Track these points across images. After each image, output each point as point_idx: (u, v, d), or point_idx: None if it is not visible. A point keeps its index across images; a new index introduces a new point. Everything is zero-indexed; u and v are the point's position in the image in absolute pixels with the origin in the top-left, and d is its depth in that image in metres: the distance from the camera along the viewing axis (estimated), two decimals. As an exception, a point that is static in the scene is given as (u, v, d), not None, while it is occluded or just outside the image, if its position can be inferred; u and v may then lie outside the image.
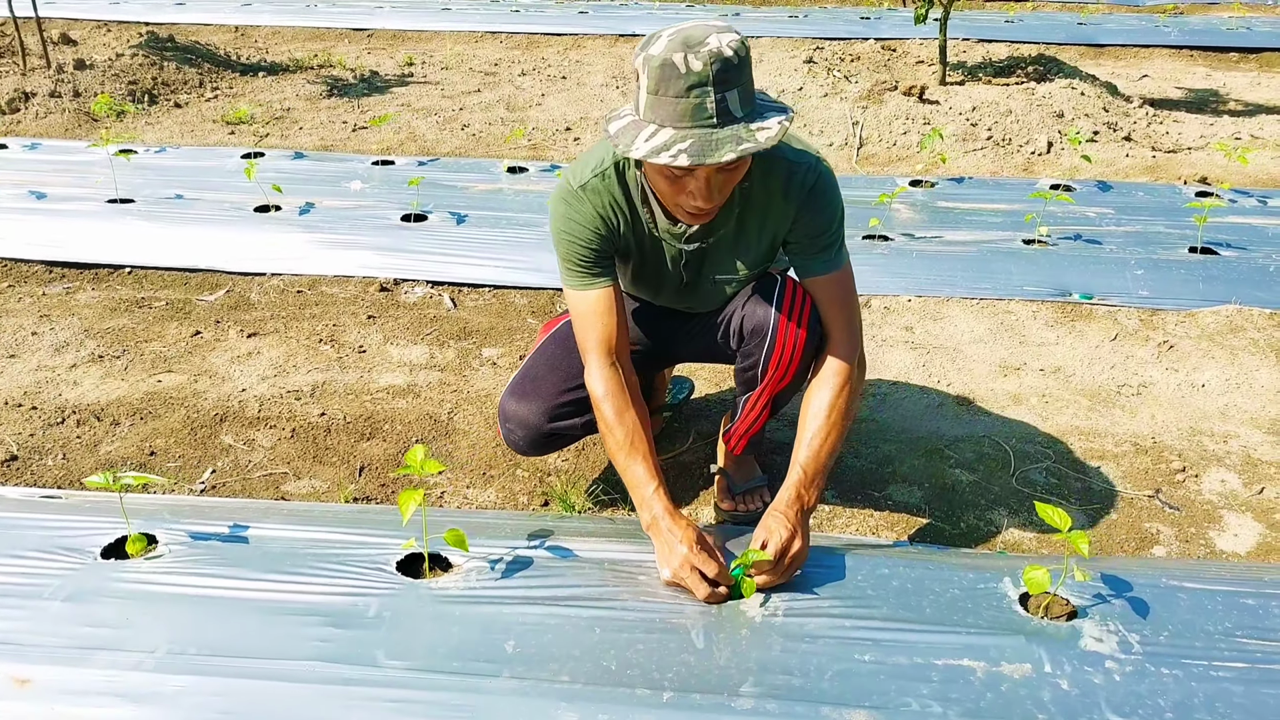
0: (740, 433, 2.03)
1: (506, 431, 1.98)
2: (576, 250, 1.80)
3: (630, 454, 1.76)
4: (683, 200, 1.63)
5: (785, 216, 1.79)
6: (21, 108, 5.00)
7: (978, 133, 4.80)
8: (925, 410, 2.60)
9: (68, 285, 3.20)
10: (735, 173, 1.62)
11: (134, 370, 2.69)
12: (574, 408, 1.92)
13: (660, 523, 1.70)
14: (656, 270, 1.91)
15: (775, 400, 1.95)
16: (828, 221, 1.79)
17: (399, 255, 3.32)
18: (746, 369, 1.93)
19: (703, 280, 1.91)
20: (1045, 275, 3.26)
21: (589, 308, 1.81)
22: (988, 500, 2.23)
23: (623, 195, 1.79)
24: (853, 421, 1.80)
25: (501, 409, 1.97)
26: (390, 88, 5.84)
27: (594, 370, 1.81)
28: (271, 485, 2.21)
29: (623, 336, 1.83)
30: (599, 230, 1.79)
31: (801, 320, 1.83)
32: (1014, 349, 2.91)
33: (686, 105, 1.49)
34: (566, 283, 1.83)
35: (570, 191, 1.79)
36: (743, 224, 1.82)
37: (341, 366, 2.73)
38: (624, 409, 1.78)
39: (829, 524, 2.14)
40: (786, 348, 1.84)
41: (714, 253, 1.86)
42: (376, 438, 2.40)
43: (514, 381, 2.00)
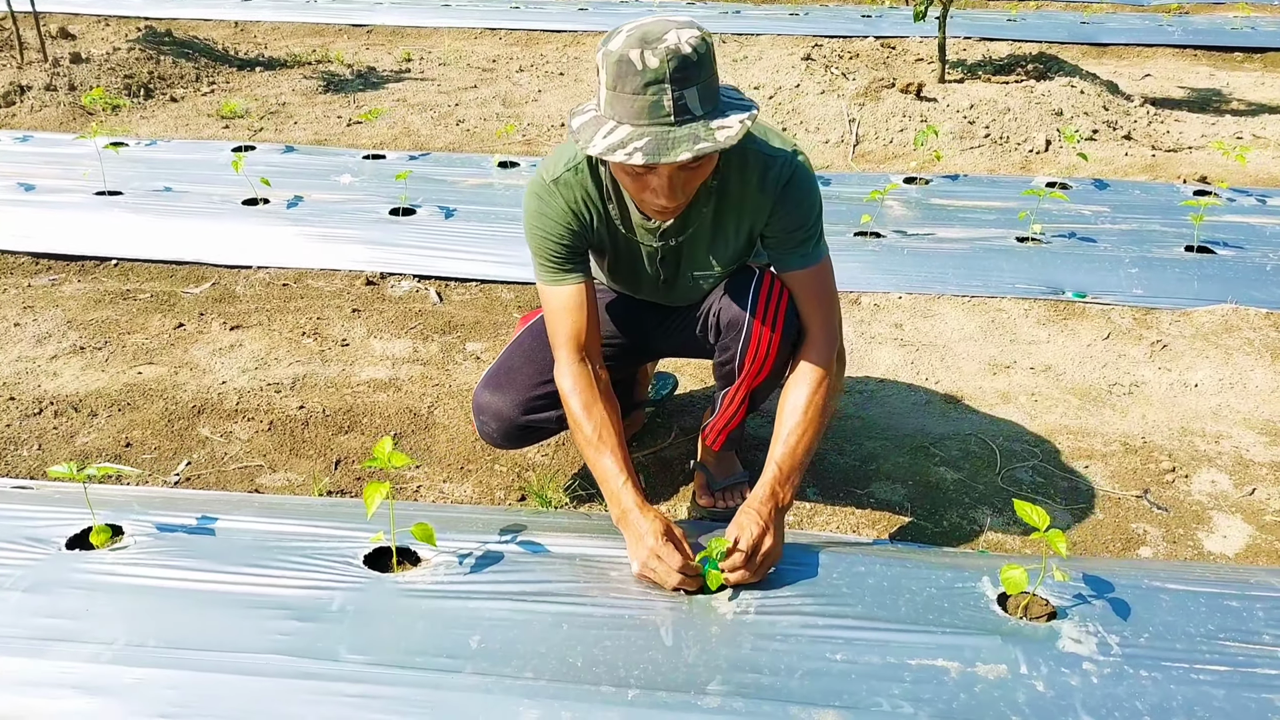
0: (718, 428, 2.00)
1: (480, 424, 1.95)
2: (548, 245, 1.77)
3: (599, 448, 1.73)
4: (646, 197, 1.60)
5: (761, 211, 1.76)
6: (17, 101, 4.99)
7: (975, 130, 4.76)
8: (912, 408, 2.57)
9: (54, 277, 3.18)
10: (699, 171, 1.59)
11: (115, 362, 2.67)
12: (549, 400, 1.90)
13: (629, 515, 1.67)
14: (632, 266, 1.89)
15: (753, 395, 1.92)
16: (805, 215, 1.76)
17: (386, 249, 3.29)
18: (724, 363, 1.90)
19: (680, 276, 1.89)
20: (1038, 273, 3.22)
21: (560, 303, 1.78)
22: (972, 499, 2.20)
23: (595, 189, 1.77)
24: (831, 418, 1.78)
25: (475, 401, 1.95)
26: (387, 83, 5.82)
27: (563, 366, 1.78)
28: (246, 478, 2.18)
29: (593, 333, 1.80)
30: (570, 225, 1.76)
31: (778, 313, 1.80)
32: (1004, 347, 2.88)
33: (643, 102, 1.47)
34: (538, 277, 1.81)
35: (542, 185, 1.76)
36: (719, 219, 1.79)
37: (323, 360, 2.71)
38: (592, 403, 1.75)
39: (809, 521, 2.11)
40: (763, 341, 1.81)
41: (690, 249, 1.84)
42: (355, 431, 2.38)
43: (489, 373, 1.97)
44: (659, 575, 1.61)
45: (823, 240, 1.81)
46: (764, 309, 1.80)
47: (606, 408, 1.76)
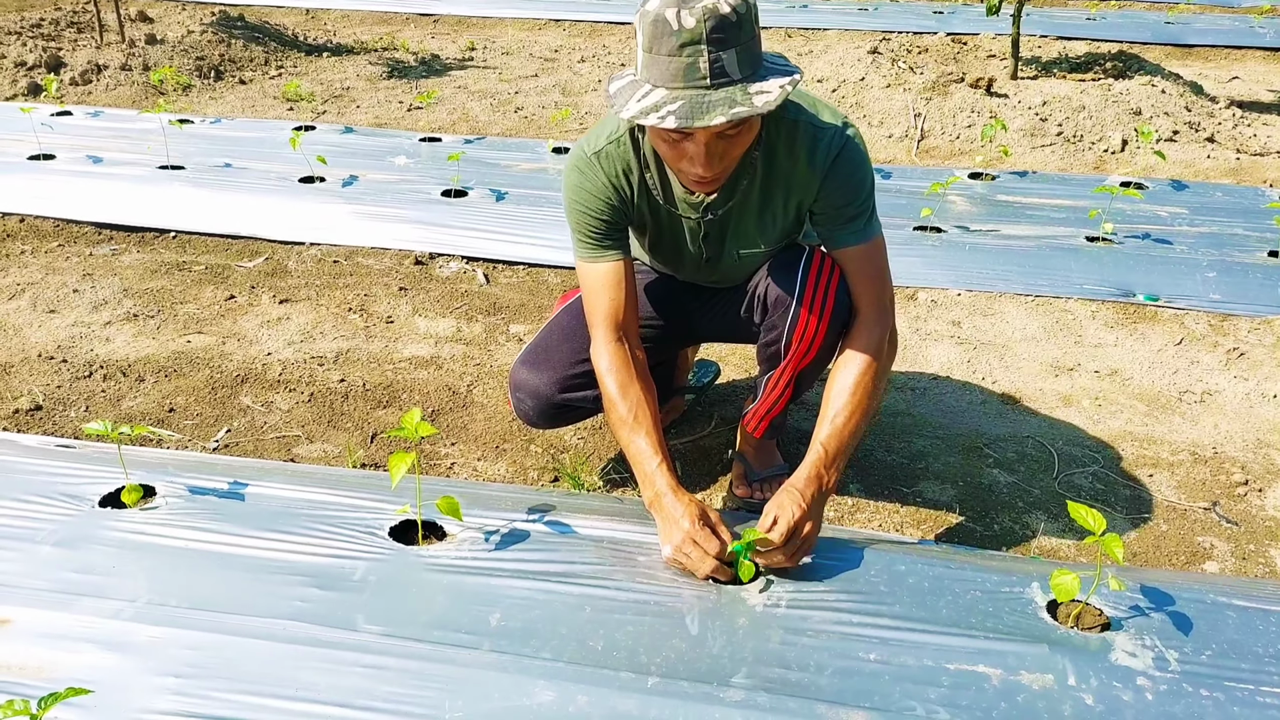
0: (760, 414, 1.93)
1: (516, 401, 1.92)
2: (587, 220, 1.72)
3: (633, 429, 1.68)
4: (684, 167, 1.54)
5: (810, 186, 1.69)
6: (94, 79, 5.13)
7: (1047, 128, 4.59)
8: (966, 407, 2.46)
9: (114, 247, 3.25)
10: (738, 139, 1.52)
11: (165, 330, 2.71)
12: (586, 379, 1.85)
13: (663, 499, 1.62)
14: (675, 243, 1.83)
15: (799, 379, 1.84)
16: (856, 190, 1.68)
17: (436, 229, 3.29)
18: (769, 343, 1.83)
19: (724, 255, 1.82)
20: (1108, 274, 3.08)
21: (598, 280, 1.73)
22: (1025, 503, 2.10)
23: (637, 162, 1.71)
24: (880, 403, 1.70)
25: (512, 378, 1.91)
26: (449, 70, 5.85)
27: (599, 345, 1.73)
28: (283, 447, 2.18)
29: (631, 311, 1.75)
30: (610, 200, 1.71)
31: (828, 293, 1.73)
32: (1068, 349, 2.75)
33: (679, 64, 1.41)
34: (577, 253, 1.76)
35: (583, 158, 1.72)
36: (766, 194, 1.73)
37: (368, 335, 2.71)
38: (628, 383, 1.70)
39: (850, 518, 2.02)
40: (810, 322, 1.74)
41: (735, 224, 1.77)
42: (393, 406, 2.37)
43: (526, 351, 1.93)
44: (691, 562, 1.55)
45: (875, 217, 1.73)
46: (813, 288, 1.73)
47: (642, 388, 1.71)
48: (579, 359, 1.85)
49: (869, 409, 1.70)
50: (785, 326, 1.76)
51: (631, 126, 1.69)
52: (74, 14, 6.39)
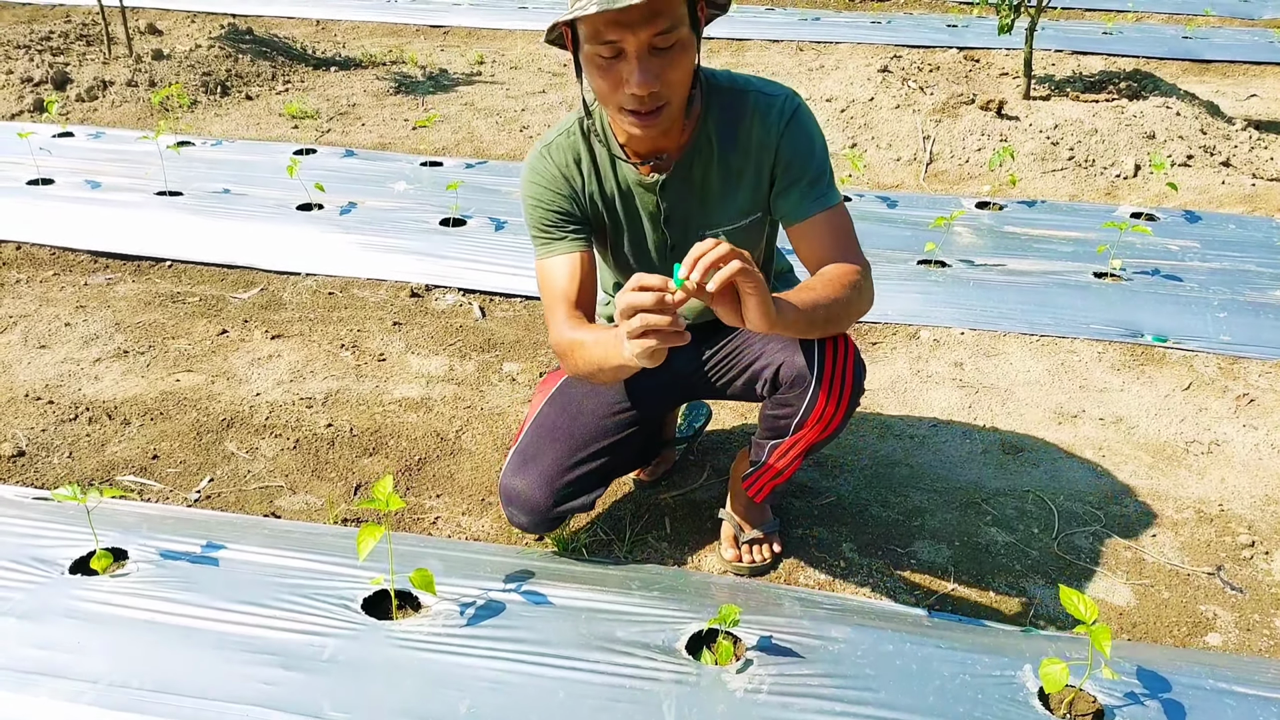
0: (763, 482, 1.87)
1: (510, 514, 1.82)
2: (540, 213, 1.71)
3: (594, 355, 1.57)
4: (622, 98, 1.50)
5: (767, 150, 1.66)
6: (100, 96, 5.13)
7: (1058, 152, 4.51)
8: (967, 457, 2.40)
9: (109, 276, 3.23)
10: (674, 56, 1.47)
11: (155, 368, 2.68)
12: (581, 484, 1.79)
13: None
14: (636, 234, 1.78)
15: (815, 449, 1.79)
16: (813, 151, 1.66)
17: (433, 260, 3.25)
18: (779, 417, 1.77)
19: (688, 239, 1.75)
20: (1116, 313, 3.01)
21: (554, 271, 1.71)
22: (1023, 565, 2.04)
23: (586, 150, 1.70)
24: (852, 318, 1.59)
25: (503, 489, 1.81)
26: (457, 86, 5.82)
27: (558, 325, 1.67)
28: (266, 499, 2.15)
29: (586, 295, 1.71)
30: (560, 190, 1.70)
31: (847, 368, 1.68)
32: (1073, 394, 2.68)
33: None
34: (536, 255, 1.74)
35: (535, 155, 1.72)
36: (725, 166, 1.69)
37: (358, 375, 2.67)
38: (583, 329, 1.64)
39: (843, 582, 1.97)
40: (831, 400, 1.69)
41: (698, 202, 1.72)
42: (380, 454, 2.33)
43: (514, 456, 1.83)
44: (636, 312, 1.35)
45: (835, 183, 1.70)
46: (833, 362, 1.68)
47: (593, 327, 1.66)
48: (572, 461, 1.79)
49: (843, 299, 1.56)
50: (801, 406, 1.71)
51: (580, 118, 1.68)
52: (83, 26, 6.40)
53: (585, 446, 1.80)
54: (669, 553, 2.03)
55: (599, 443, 1.81)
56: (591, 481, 1.80)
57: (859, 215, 3.60)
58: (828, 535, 2.10)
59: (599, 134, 1.69)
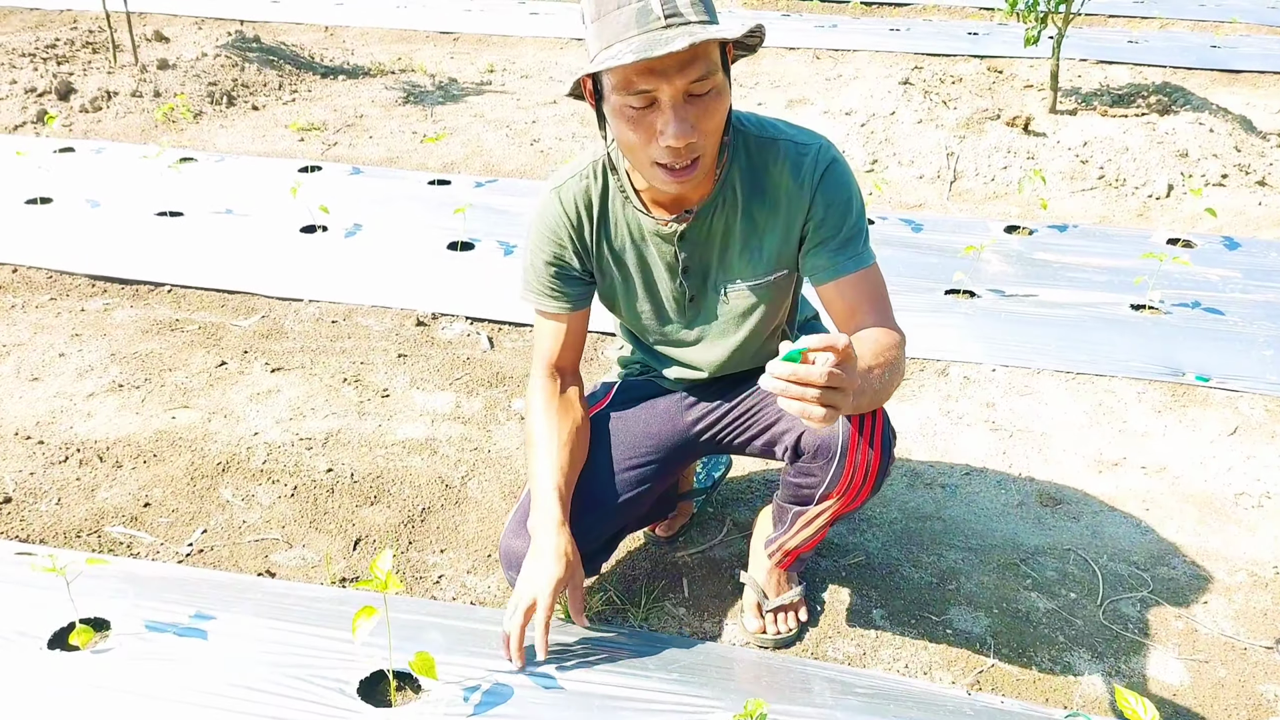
0: (789, 549, 1.75)
1: (511, 579, 1.68)
2: (538, 261, 1.63)
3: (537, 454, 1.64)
4: (654, 151, 1.37)
5: (799, 203, 1.53)
6: (104, 106, 5.04)
7: (1088, 171, 4.36)
8: (1002, 510, 2.27)
9: (107, 301, 3.12)
10: (709, 104, 1.35)
11: (151, 403, 2.57)
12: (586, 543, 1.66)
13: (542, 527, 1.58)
14: (650, 285, 1.66)
15: (842, 518, 1.67)
16: (847, 206, 1.53)
17: (441, 286, 3.13)
18: (803, 485, 1.65)
19: (708, 291, 1.64)
20: (1155, 349, 2.86)
21: (538, 324, 1.70)
22: (1067, 637, 1.90)
23: (600, 195, 1.58)
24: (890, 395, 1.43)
25: (503, 552, 1.68)
26: (466, 96, 5.71)
27: (533, 380, 1.71)
28: (260, 553, 2.03)
29: (570, 354, 1.70)
30: (561, 242, 1.60)
31: (875, 438, 1.55)
32: (1113, 439, 2.54)
33: (629, 12, 1.31)
34: (526, 290, 1.67)
35: (545, 196, 1.61)
36: (750, 218, 1.56)
37: (360, 413, 2.56)
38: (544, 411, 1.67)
39: (872, 655, 1.84)
40: (858, 471, 1.57)
41: (719, 255, 1.60)
42: (381, 503, 2.21)
43: (516, 514, 1.71)
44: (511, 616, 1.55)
45: (869, 241, 1.58)
46: (859, 431, 1.55)
47: (559, 423, 1.64)
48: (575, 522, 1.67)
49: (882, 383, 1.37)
50: (825, 478, 1.59)
51: (597, 161, 1.57)
52: (89, 33, 6.31)
53: (589, 510, 1.68)
54: (687, 619, 1.90)
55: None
56: (600, 539, 1.67)
57: (884, 240, 3.46)
58: (857, 600, 1.97)
59: (618, 180, 1.57)
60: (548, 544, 1.54)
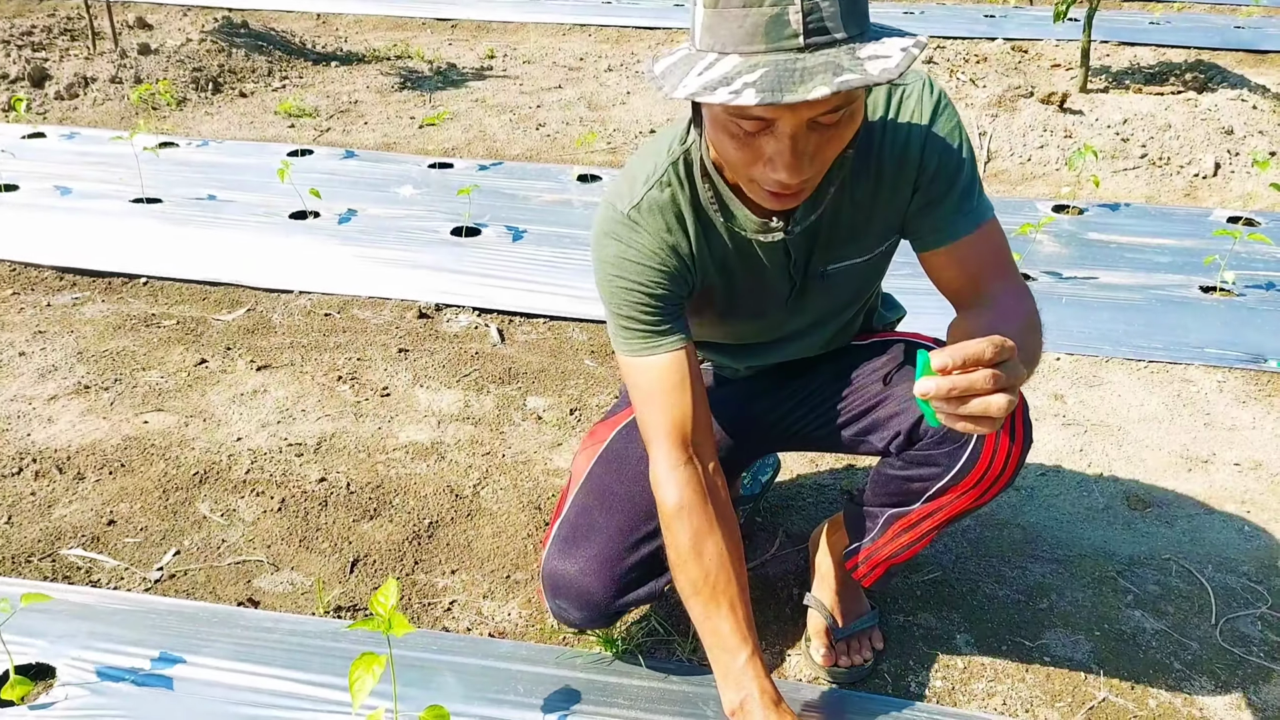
0: (879, 559, 1.45)
1: (557, 609, 1.42)
2: (635, 301, 1.26)
3: (712, 601, 1.23)
4: (758, 174, 1.08)
5: (909, 156, 1.24)
6: (80, 93, 4.75)
7: (1129, 149, 4.10)
8: (1086, 515, 2.00)
9: (76, 295, 2.84)
10: (837, 130, 1.05)
11: (120, 406, 2.29)
12: (648, 566, 1.38)
13: (754, 713, 1.18)
14: (756, 292, 1.36)
15: (955, 521, 1.38)
16: (960, 153, 1.25)
17: (444, 275, 2.86)
18: (914, 479, 1.36)
19: (810, 276, 1.36)
20: (1232, 334, 2.60)
21: (656, 381, 1.27)
22: (1183, 662, 1.63)
23: (690, 203, 1.26)
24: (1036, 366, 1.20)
25: (548, 577, 1.41)
26: (466, 81, 5.43)
27: (663, 472, 1.27)
28: (242, 578, 1.75)
29: (702, 415, 1.29)
30: (664, 267, 1.26)
31: (1016, 419, 1.28)
32: (1198, 432, 2.27)
33: (758, 17, 0.95)
34: (623, 348, 1.30)
35: (618, 221, 1.26)
36: (859, 193, 1.28)
37: (357, 414, 2.28)
38: (705, 532, 1.25)
39: (964, 690, 1.57)
40: (997, 459, 1.28)
41: (824, 239, 1.31)
42: (382, 516, 1.93)
43: (560, 532, 1.42)
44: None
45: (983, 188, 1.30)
46: None
47: (724, 536, 1.26)
48: (637, 537, 1.38)
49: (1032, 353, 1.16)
50: (955, 466, 1.30)
51: (676, 158, 1.26)
52: (68, 20, 6.02)
53: (652, 517, 1.38)
54: (742, 649, 1.62)
55: None
56: (660, 563, 1.37)
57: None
58: (937, 624, 1.70)
59: (708, 182, 1.25)
60: None
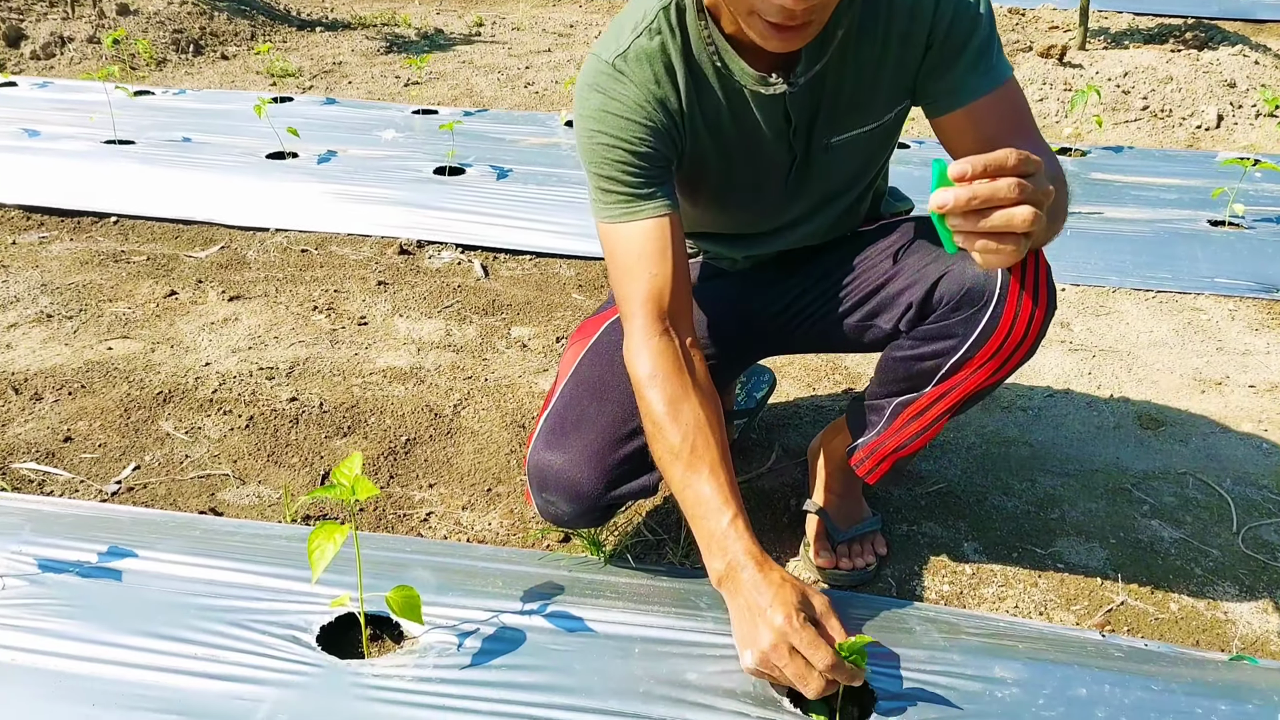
0: (884, 451, 1.34)
1: (544, 504, 1.31)
2: (617, 160, 1.17)
3: (691, 464, 1.13)
4: (759, 2, 1.01)
5: (920, 12, 1.16)
6: (57, 53, 4.64)
7: (1130, 102, 4.01)
8: (1096, 432, 1.91)
9: (43, 234, 2.73)
10: None
11: (84, 334, 2.18)
12: (640, 459, 1.27)
13: (741, 574, 1.08)
14: (753, 165, 1.27)
15: (967, 403, 1.28)
16: (977, 7, 1.17)
17: (427, 212, 2.75)
18: (925, 357, 1.25)
19: (814, 152, 1.27)
20: (1244, 265, 2.51)
21: (635, 246, 1.18)
22: (1204, 569, 1.54)
23: (680, 52, 1.17)
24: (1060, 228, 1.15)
25: (534, 469, 1.29)
26: (454, 45, 5.33)
27: (638, 342, 1.18)
28: (205, 491, 1.65)
29: (682, 289, 1.20)
30: (650, 122, 1.16)
31: (1039, 281, 1.18)
32: (1210, 356, 2.18)
33: None
34: (602, 213, 1.20)
35: (603, 71, 1.17)
36: (864, 51, 1.19)
37: (333, 341, 2.17)
38: (681, 397, 1.15)
39: (973, 594, 1.47)
40: (1018, 325, 1.18)
41: (830, 98, 1.22)
42: (355, 433, 1.83)
43: (547, 424, 1.32)
44: (791, 674, 1.00)
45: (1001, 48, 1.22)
46: (1021, 267, 1.17)
47: (702, 403, 1.16)
48: (629, 429, 1.27)
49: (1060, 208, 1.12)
50: (972, 334, 1.19)
51: (669, 2, 1.17)
52: (47, -14, 5.90)
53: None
54: (737, 557, 1.53)
55: None
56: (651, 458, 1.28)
57: (924, 163, 3.11)
58: (943, 533, 1.60)
59: (704, 28, 1.17)
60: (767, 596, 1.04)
